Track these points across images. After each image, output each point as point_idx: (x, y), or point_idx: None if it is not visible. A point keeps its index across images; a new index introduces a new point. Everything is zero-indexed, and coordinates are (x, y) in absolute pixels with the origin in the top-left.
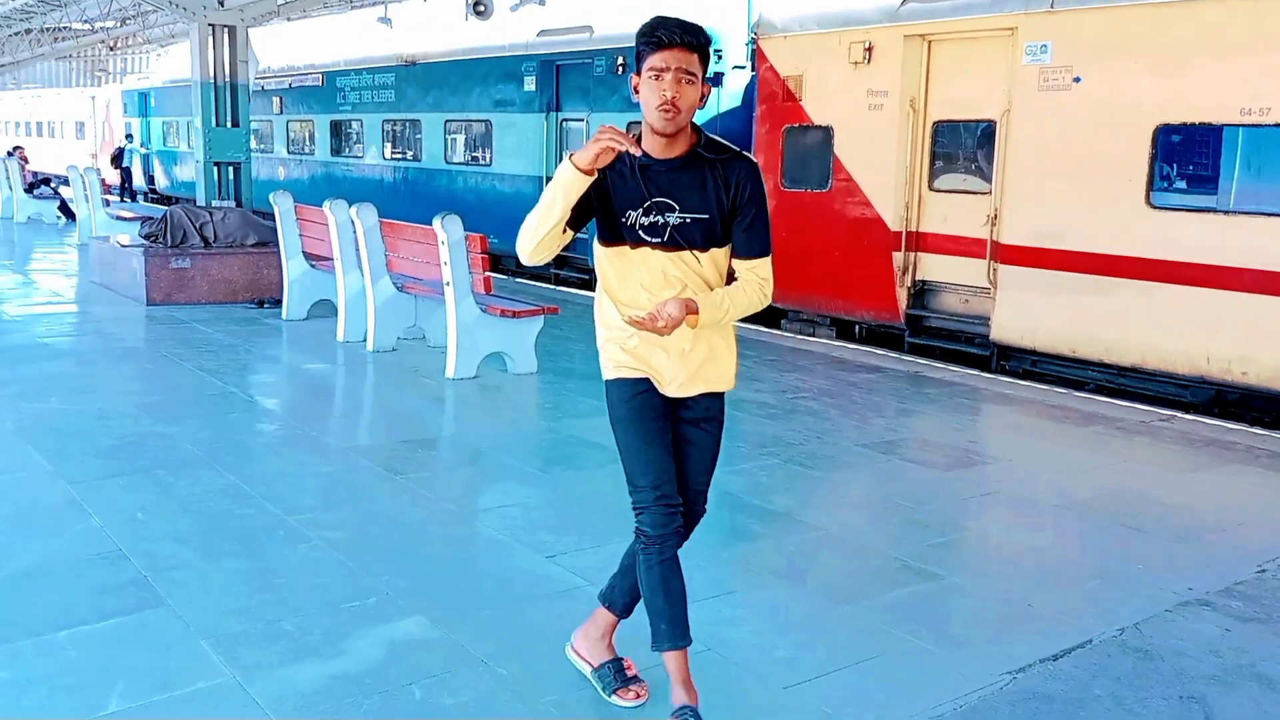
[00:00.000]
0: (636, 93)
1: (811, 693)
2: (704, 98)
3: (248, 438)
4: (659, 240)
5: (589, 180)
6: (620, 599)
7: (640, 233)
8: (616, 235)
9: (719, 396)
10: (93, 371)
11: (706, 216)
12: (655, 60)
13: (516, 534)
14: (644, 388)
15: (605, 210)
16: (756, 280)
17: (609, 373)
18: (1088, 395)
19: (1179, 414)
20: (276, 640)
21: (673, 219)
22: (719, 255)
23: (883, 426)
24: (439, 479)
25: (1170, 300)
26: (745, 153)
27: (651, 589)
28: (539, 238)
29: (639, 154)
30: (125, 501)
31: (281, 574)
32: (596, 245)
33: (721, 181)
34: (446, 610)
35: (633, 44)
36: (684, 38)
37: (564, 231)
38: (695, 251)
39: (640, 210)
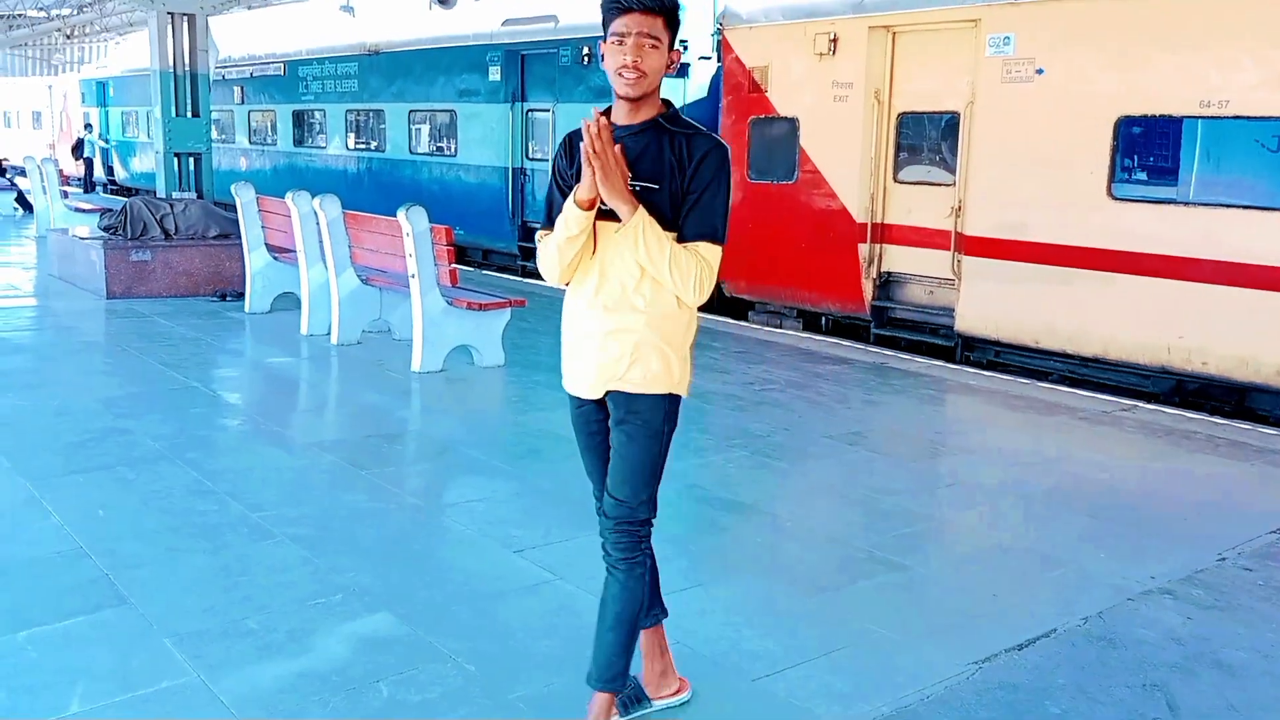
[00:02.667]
0: (604, 59)
1: (779, 684)
2: (673, 64)
3: (211, 433)
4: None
5: (593, 211)
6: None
7: None
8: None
9: (639, 399)
10: (52, 366)
11: (657, 188)
12: (618, 25)
13: (484, 529)
14: (578, 404)
15: (571, 182)
16: (698, 257)
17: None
18: (1051, 386)
19: (1140, 404)
20: (241, 638)
21: None
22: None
23: (849, 418)
24: (405, 474)
25: (1131, 291)
26: (715, 135)
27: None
28: (569, 261)
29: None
30: (86, 499)
31: (246, 571)
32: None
33: (681, 155)
34: (413, 606)
35: (598, 34)
36: (646, 1)
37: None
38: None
39: None
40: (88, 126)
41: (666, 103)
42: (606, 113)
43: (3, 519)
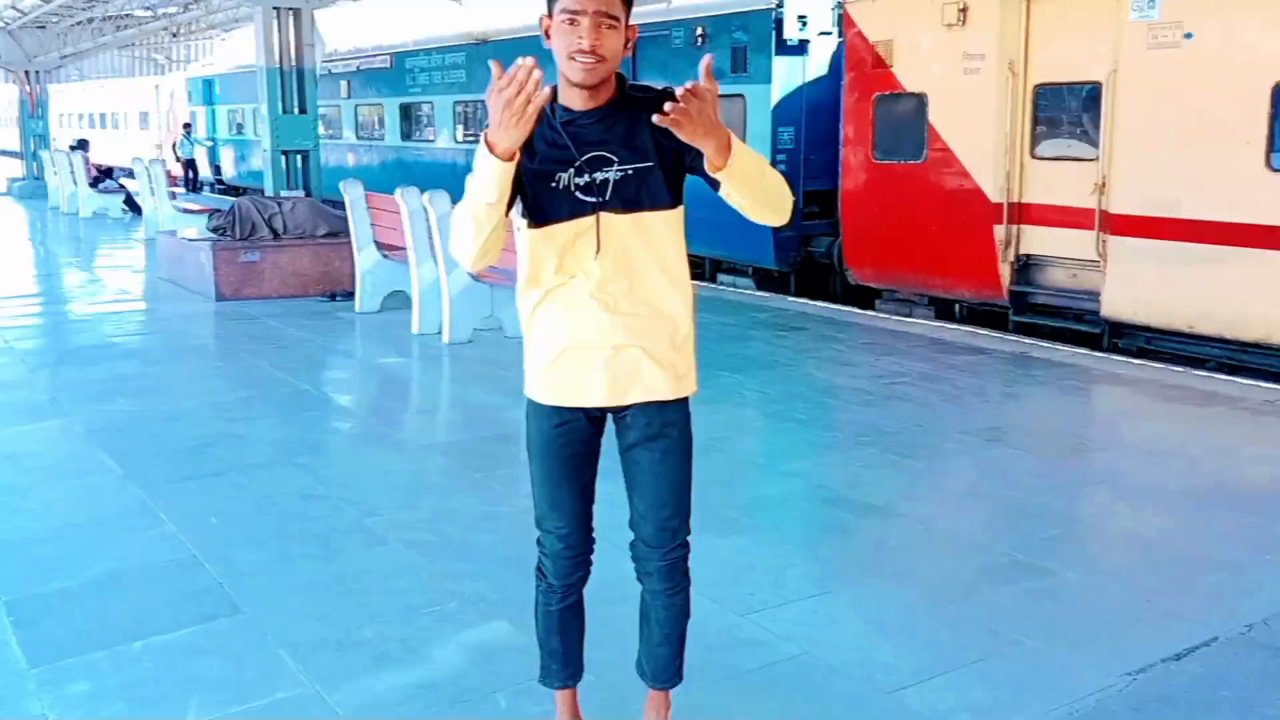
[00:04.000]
0: (548, 38)
1: (914, 698)
2: (629, 42)
3: (322, 436)
4: (597, 201)
5: (514, 163)
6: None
7: (577, 195)
8: (545, 209)
9: (666, 408)
10: (162, 371)
11: (650, 164)
12: (569, 2)
13: (598, 532)
14: (565, 419)
15: (535, 179)
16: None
17: (527, 387)
18: (1207, 374)
19: None
20: (356, 647)
21: (613, 174)
22: (673, 220)
23: (987, 412)
24: (519, 476)
25: None
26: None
27: (547, 629)
28: (481, 242)
29: (546, 104)
30: (198, 505)
31: (359, 578)
32: (521, 229)
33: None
34: (529, 614)
35: (714, 13)
36: None
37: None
38: (644, 212)
39: (571, 170)
40: (186, 126)
41: (619, 76)
42: (553, 93)
43: (117, 527)
